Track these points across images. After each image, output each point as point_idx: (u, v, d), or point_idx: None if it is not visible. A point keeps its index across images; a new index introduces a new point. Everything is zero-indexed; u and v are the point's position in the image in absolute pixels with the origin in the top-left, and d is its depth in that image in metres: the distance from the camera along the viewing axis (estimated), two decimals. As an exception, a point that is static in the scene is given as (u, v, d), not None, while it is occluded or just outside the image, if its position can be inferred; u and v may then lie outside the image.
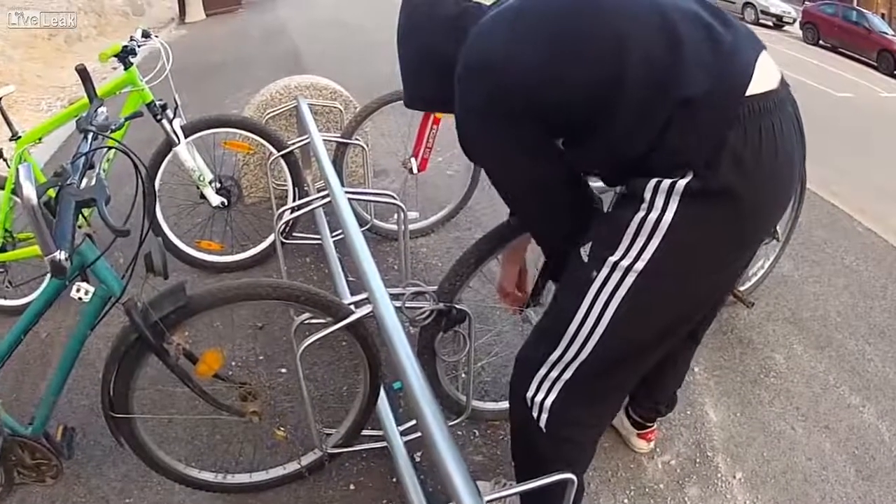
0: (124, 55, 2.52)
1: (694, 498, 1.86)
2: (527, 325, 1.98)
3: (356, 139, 2.72)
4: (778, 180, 1.13)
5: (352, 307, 1.55)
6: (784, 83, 1.15)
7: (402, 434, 1.77)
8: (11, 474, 1.72)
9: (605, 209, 1.39)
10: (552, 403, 1.29)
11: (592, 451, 1.47)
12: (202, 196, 2.75)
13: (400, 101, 2.64)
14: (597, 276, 1.18)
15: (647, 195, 1.12)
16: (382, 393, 1.81)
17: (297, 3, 11.00)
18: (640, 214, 1.13)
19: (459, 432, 2.01)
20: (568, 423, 1.31)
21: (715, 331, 2.52)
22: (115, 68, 5.20)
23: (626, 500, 1.84)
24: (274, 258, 2.80)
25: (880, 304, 2.84)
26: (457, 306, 1.64)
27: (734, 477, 1.93)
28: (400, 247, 2.11)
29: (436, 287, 1.69)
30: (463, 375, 1.85)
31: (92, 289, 1.46)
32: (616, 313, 1.18)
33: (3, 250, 2.58)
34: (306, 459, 1.82)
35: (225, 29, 9.36)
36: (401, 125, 3.04)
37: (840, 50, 15.15)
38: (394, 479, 1.85)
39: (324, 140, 2.42)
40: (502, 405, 2.05)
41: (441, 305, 1.61)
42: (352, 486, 1.86)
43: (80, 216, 1.35)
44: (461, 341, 1.70)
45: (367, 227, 2.79)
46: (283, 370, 2.27)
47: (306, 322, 1.57)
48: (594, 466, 1.89)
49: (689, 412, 2.15)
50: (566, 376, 1.27)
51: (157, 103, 2.52)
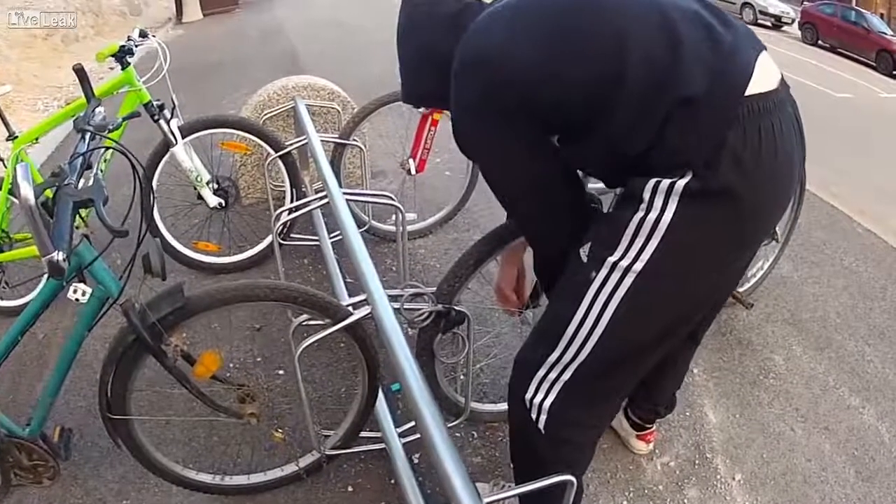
0: (121, 55, 2.52)
1: (693, 499, 1.85)
2: (525, 327, 1.97)
3: (354, 140, 2.71)
4: (777, 181, 1.13)
5: (350, 309, 1.55)
6: (784, 83, 1.15)
7: (401, 436, 1.76)
8: (8, 475, 1.72)
9: (606, 210, 1.38)
10: (551, 405, 1.29)
11: (591, 453, 1.46)
12: (199, 197, 2.75)
13: (398, 102, 2.64)
14: (596, 276, 1.18)
15: (647, 195, 1.12)
16: (380, 395, 1.80)
17: (294, 3, 11.00)
18: (640, 214, 1.13)
19: (458, 434, 2.00)
20: (567, 424, 1.31)
21: (714, 332, 2.52)
22: (111, 68, 5.24)
23: (625, 502, 1.84)
24: (271, 259, 2.79)
25: (880, 305, 2.84)
26: (456, 308, 1.63)
27: (733, 478, 1.92)
28: (398, 248, 2.10)
29: (434, 288, 1.68)
30: (461, 377, 1.84)
31: (89, 290, 1.45)
32: (615, 314, 1.17)
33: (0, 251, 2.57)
34: (304, 461, 1.81)
35: (222, 29, 9.35)
36: (399, 126, 3.04)
37: (839, 50, 15.18)
38: (392, 481, 1.85)
39: (321, 141, 2.41)
40: (501, 407, 2.04)
41: (440, 307, 1.61)
42: (350, 488, 1.86)
43: (78, 217, 1.34)
44: (460, 343, 1.70)
45: (364, 229, 2.79)
46: (281, 372, 2.27)
47: (304, 323, 1.57)
48: (593, 468, 1.88)
49: (688, 413, 2.14)
50: (565, 377, 1.26)
51: (155, 103, 2.52)
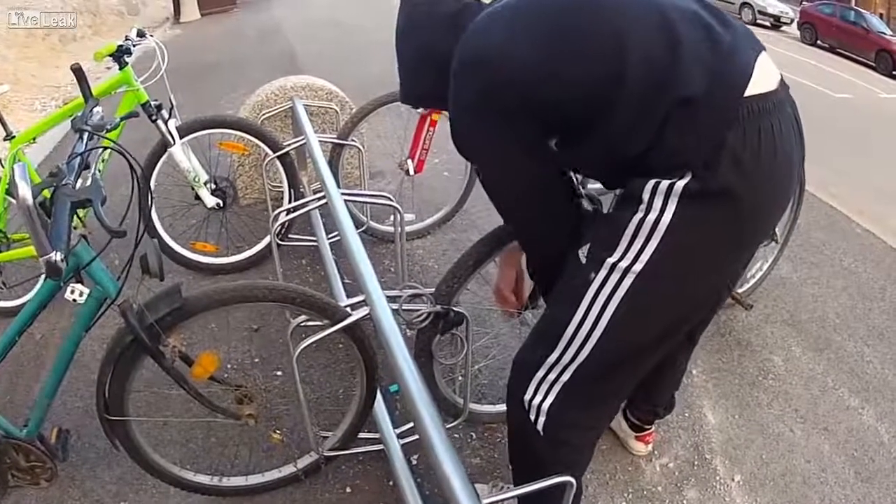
0: (119, 55, 2.51)
1: (692, 501, 1.85)
2: (524, 328, 1.97)
3: (352, 140, 2.71)
4: (777, 181, 1.13)
5: (348, 310, 1.54)
6: (783, 84, 1.14)
7: (399, 437, 1.76)
8: (6, 477, 1.71)
9: (605, 211, 1.38)
10: (550, 406, 1.28)
11: (590, 454, 1.46)
12: (197, 197, 2.74)
13: (396, 103, 2.63)
14: (595, 277, 1.18)
15: (646, 196, 1.12)
16: (379, 396, 1.80)
17: (291, 3, 10.96)
18: (639, 215, 1.12)
19: (456, 435, 2.00)
20: (565, 425, 1.30)
21: (713, 333, 2.52)
22: (108, 68, 5.23)
23: (623, 503, 1.84)
24: (269, 260, 2.78)
25: (879, 305, 2.84)
26: (454, 309, 1.63)
27: (733, 479, 1.92)
28: (396, 249, 2.10)
29: (433, 289, 1.68)
30: (460, 378, 1.84)
31: (87, 290, 1.44)
32: (614, 315, 1.17)
33: (-4, 251, 2.56)
34: (302, 462, 1.81)
35: (220, 29, 9.32)
36: (397, 127, 3.04)
37: (838, 50, 15.18)
38: (390, 483, 1.84)
39: (320, 141, 2.41)
40: (500, 408, 2.04)
41: (438, 308, 1.61)
42: (348, 490, 1.85)
43: (76, 217, 1.33)
44: (458, 344, 1.70)
45: (362, 229, 2.78)
46: (279, 373, 2.26)
47: (302, 324, 1.57)
48: (592, 469, 1.88)
49: (687, 414, 2.14)
50: (564, 379, 1.26)
51: (153, 103, 2.51)
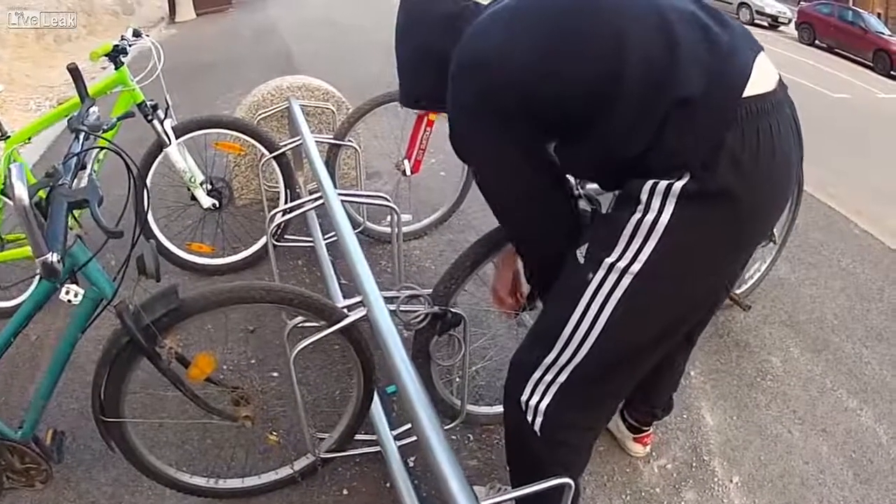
0: (115, 54, 2.50)
1: (691, 502, 1.85)
2: (521, 329, 1.97)
3: (349, 141, 2.70)
4: (775, 182, 1.13)
5: (345, 311, 1.54)
6: (782, 84, 1.14)
7: (396, 438, 1.76)
8: (0, 479, 1.70)
9: (604, 211, 1.38)
10: (547, 407, 1.28)
11: (588, 455, 1.45)
12: (193, 198, 2.73)
13: (393, 103, 2.63)
14: (593, 277, 1.17)
15: (644, 196, 1.11)
16: (376, 397, 1.79)
17: (287, 3, 10.92)
18: (637, 216, 1.12)
19: (454, 437, 1.99)
20: (563, 426, 1.30)
21: (711, 334, 2.51)
22: (104, 68, 5.21)
23: (622, 505, 1.83)
24: (266, 261, 2.77)
25: (877, 306, 2.84)
26: (452, 310, 1.62)
27: (731, 481, 1.92)
28: (393, 249, 2.10)
29: (430, 290, 1.67)
30: (457, 379, 1.83)
31: (82, 291, 1.43)
32: (612, 315, 1.16)
33: (-8, 252, 2.55)
34: (299, 464, 1.80)
35: (215, 28, 9.31)
36: (394, 127, 3.03)
37: (836, 50, 15.18)
38: (387, 484, 1.84)
39: (316, 141, 2.40)
40: (497, 409, 2.03)
41: (436, 309, 1.60)
42: (345, 492, 1.84)
43: (71, 217, 1.33)
44: (456, 345, 1.69)
45: (359, 230, 2.77)
46: (276, 374, 2.25)
47: (299, 326, 1.56)
48: (590, 471, 1.88)
49: (685, 416, 2.13)
50: (561, 379, 1.25)
51: (148, 103, 2.50)
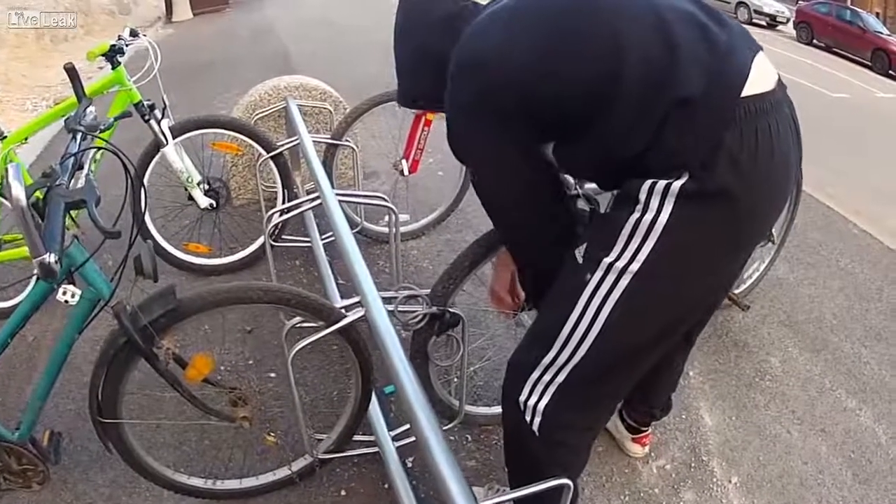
0: (112, 54, 2.49)
1: (689, 503, 1.84)
2: (520, 329, 1.96)
3: (346, 141, 2.70)
4: (774, 182, 1.12)
5: (343, 311, 1.53)
6: (781, 84, 1.14)
7: (394, 439, 1.75)
8: (-3, 480, 1.69)
9: (603, 211, 1.38)
10: (545, 407, 1.27)
11: (586, 456, 1.45)
12: (190, 198, 2.72)
13: (391, 103, 2.63)
14: (591, 277, 1.17)
15: (643, 196, 1.11)
16: (374, 398, 1.78)
17: (284, 3, 10.91)
18: (636, 216, 1.12)
19: (452, 437, 1.99)
20: (561, 426, 1.30)
21: (710, 334, 2.51)
22: (101, 67, 5.21)
23: (620, 506, 1.83)
24: (263, 261, 2.77)
25: (876, 306, 2.84)
26: (450, 310, 1.62)
27: (730, 481, 1.91)
28: (391, 249, 2.09)
29: (428, 290, 1.67)
30: (456, 380, 1.83)
31: (79, 291, 1.43)
32: (610, 315, 1.16)
33: (-12, 252, 2.54)
34: (297, 465, 1.79)
35: (212, 28, 9.29)
36: (391, 127, 3.02)
37: (834, 50, 15.16)
38: (386, 485, 1.83)
39: (313, 141, 2.40)
40: (495, 410, 2.03)
41: (434, 309, 1.60)
42: (343, 492, 1.84)
43: (68, 217, 1.32)
44: (454, 345, 1.69)
45: (356, 230, 2.77)
46: (273, 374, 2.24)
47: (297, 326, 1.55)
48: (588, 471, 1.87)
49: (684, 416, 2.13)
50: (559, 379, 1.25)
51: (145, 103, 2.49)
